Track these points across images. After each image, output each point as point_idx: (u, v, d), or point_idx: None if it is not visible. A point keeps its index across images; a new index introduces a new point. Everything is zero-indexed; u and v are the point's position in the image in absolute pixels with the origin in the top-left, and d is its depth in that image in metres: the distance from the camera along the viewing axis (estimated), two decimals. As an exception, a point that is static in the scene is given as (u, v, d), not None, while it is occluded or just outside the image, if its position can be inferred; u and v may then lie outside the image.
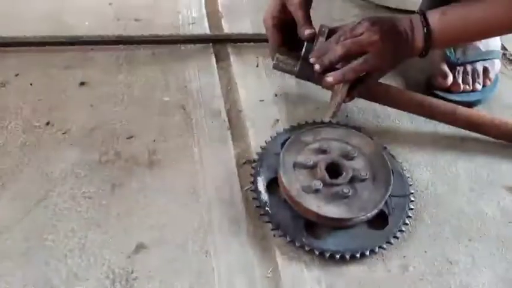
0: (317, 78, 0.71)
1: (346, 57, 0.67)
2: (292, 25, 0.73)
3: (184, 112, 0.80)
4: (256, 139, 0.75)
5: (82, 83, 0.83)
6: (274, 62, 0.74)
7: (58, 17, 0.98)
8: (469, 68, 0.83)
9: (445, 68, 0.83)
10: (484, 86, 0.83)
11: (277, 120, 0.79)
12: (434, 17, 0.66)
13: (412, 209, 0.65)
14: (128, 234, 0.62)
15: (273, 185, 0.67)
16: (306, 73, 0.72)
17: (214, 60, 0.90)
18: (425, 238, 0.64)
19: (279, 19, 0.73)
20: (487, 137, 0.76)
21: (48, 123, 0.76)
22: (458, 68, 0.83)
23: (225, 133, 0.77)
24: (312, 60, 0.69)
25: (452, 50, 0.84)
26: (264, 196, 0.65)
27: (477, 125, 0.75)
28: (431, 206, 0.68)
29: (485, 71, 0.83)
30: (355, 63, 0.67)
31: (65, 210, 0.64)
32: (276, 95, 0.83)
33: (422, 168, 0.73)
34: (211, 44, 0.93)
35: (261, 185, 0.66)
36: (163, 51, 0.91)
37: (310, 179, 0.64)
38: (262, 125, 0.78)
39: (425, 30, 0.65)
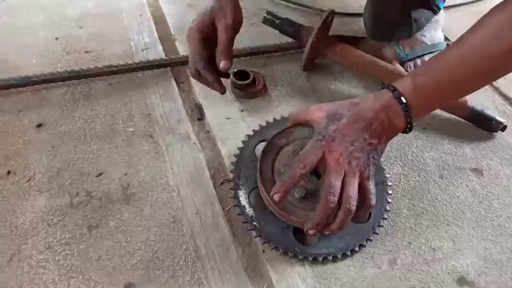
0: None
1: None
2: (215, 42, 0.72)
3: (152, 140, 0.78)
4: (230, 157, 0.75)
5: (39, 125, 0.80)
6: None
7: (3, 58, 0.93)
8: (418, 61, 0.88)
9: (397, 64, 0.87)
10: (435, 77, 0.88)
11: (248, 135, 0.79)
12: (408, 92, 0.57)
13: (390, 194, 0.67)
14: (113, 277, 0.59)
15: (255, 193, 0.65)
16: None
17: (174, 83, 0.89)
18: (407, 230, 0.66)
19: (206, 34, 0.72)
20: (448, 124, 0.80)
21: (9, 173, 0.71)
22: (408, 63, 0.88)
23: (198, 156, 0.76)
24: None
25: (401, 47, 0.88)
26: (249, 211, 0.64)
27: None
28: (407, 198, 0.70)
29: (434, 62, 0.88)
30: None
31: (42, 262, 0.61)
32: (242, 110, 0.84)
33: (392, 163, 0.75)
34: (169, 68, 0.92)
35: (244, 199, 0.65)
36: (120, 81, 0.89)
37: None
38: (233, 142, 0.77)
39: (405, 111, 0.57)
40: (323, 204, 0.55)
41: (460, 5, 1.14)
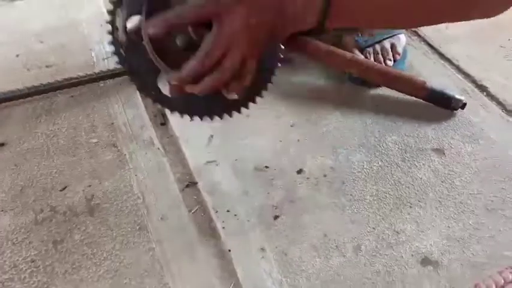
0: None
1: None
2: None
3: (115, 149, 0.78)
4: (194, 159, 0.75)
5: (1, 144, 0.79)
6: None
7: (-39, 80, 0.92)
8: (377, 47, 0.88)
9: (357, 52, 0.87)
10: (394, 60, 0.88)
11: (212, 135, 0.79)
12: None
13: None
14: (79, 290, 0.59)
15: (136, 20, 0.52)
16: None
17: (136, 90, 0.89)
18: (370, 215, 0.66)
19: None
20: (408, 107, 0.81)
21: (-29, 195, 0.71)
22: (368, 49, 0.88)
23: (162, 160, 0.76)
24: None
25: (360, 34, 0.89)
26: (122, 35, 0.53)
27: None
28: (370, 183, 0.71)
29: (393, 46, 0.89)
30: None
31: (8, 281, 0.60)
32: (205, 112, 0.83)
33: (355, 150, 0.76)
34: (130, 75, 0.92)
35: (120, 21, 0.52)
36: (82, 93, 0.89)
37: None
38: (197, 144, 0.78)
39: (324, 12, 0.50)
40: (195, 64, 0.49)
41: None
